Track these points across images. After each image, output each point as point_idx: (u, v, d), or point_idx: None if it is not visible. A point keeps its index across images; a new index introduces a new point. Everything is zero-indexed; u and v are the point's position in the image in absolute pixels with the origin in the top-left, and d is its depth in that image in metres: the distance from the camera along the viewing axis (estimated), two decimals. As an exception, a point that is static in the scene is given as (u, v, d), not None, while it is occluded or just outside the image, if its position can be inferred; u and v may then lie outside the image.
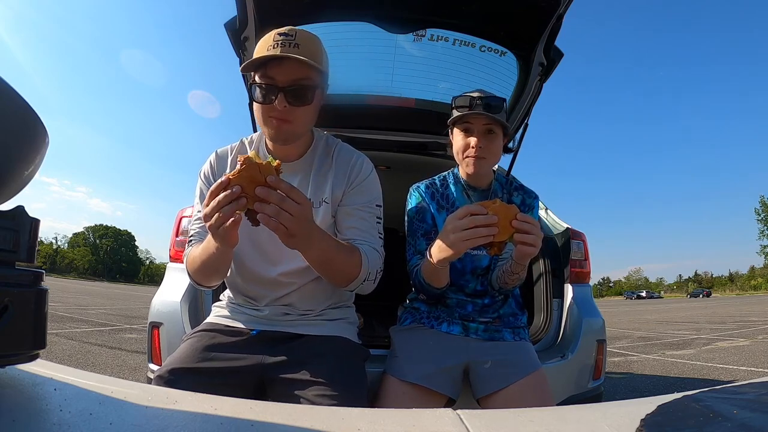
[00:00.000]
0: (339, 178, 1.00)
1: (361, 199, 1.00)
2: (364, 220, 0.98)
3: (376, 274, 0.96)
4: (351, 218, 0.98)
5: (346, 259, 0.90)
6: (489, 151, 1.12)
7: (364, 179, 1.01)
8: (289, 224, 0.72)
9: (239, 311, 1.03)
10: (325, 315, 1.02)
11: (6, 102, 0.32)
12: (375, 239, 0.99)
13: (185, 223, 1.56)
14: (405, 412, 0.40)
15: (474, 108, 1.09)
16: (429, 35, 1.66)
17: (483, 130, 1.11)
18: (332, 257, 0.87)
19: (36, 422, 0.31)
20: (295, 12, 1.56)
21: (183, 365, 0.89)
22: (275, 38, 0.88)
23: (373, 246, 0.97)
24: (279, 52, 0.87)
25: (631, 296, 79.56)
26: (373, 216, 1.00)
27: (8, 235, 0.33)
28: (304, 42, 0.89)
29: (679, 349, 5.78)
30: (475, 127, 1.12)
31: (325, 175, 1.00)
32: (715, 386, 0.44)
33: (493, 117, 1.08)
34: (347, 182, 1.00)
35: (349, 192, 1.00)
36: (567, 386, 1.47)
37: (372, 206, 1.01)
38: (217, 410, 0.37)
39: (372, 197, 1.02)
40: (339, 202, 0.99)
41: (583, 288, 1.69)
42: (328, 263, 0.89)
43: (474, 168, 1.13)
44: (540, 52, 1.58)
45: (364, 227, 0.98)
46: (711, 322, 10.57)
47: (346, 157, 1.02)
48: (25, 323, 0.33)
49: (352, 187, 1.00)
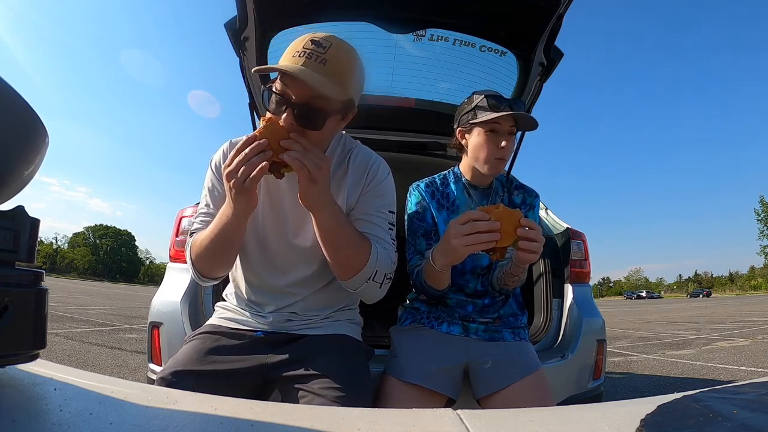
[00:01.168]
0: (354, 185, 0.97)
1: (374, 203, 0.96)
2: (375, 225, 0.95)
3: (383, 277, 0.91)
4: (362, 223, 0.94)
5: (355, 241, 0.87)
6: (508, 153, 1.12)
7: (379, 183, 0.97)
8: (312, 168, 0.74)
9: (243, 314, 1.02)
10: (330, 318, 1.02)
11: (6, 102, 0.32)
12: (388, 244, 0.94)
13: (185, 223, 1.56)
14: (405, 412, 0.40)
15: (503, 109, 1.07)
16: (429, 35, 1.66)
17: (508, 132, 1.10)
18: (342, 232, 0.85)
19: (36, 422, 0.31)
20: (295, 12, 1.56)
21: (186, 367, 0.88)
22: (306, 46, 0.80)
23: (385, 249, 0.93)
24: (300, 65, 0.77)
25: (631, 296, 79.56)
26: (386, 222, 0.96)
27: (8, 235, 0.33)
28: (334, 60, 0.79)
29: (679, 349, 5.78)
30: (504, 128, 1.10)
31: (339, 182, 0.96)
32: (715, 386, 0.44)
33: (527, 116, 1.08)
34: (363, 186, 0.96)
35: (364, 195, 0.96)
36: (567, 386, 1.47)
37: (384, 212, 0.97)
38: (217, 410, 0.37)
39: (385, 202, 0.97)
40: (352, 207, 0.97)
41: (583, 288, 1.69)
42: (337, 238, 0.86)
43: (498, 170, 1.13)
44: (540, 52, 1.58)
45: (376, 232, 0.94)
46: (711, 322, 10.57)
47: (363, 161, 0.98)
48: (25, 323, 0.33)
49: (367, 190, 0.96)
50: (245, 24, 1.47)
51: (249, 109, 1.81)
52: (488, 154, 1.11)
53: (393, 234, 0.97)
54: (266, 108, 0.84)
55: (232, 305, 1.05)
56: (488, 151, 1.11)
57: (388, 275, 0.92)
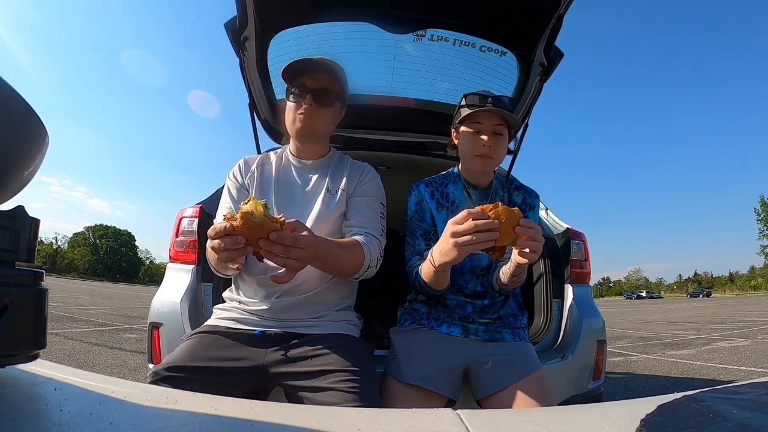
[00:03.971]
0: (351, 177, 1.15)
1: (368, 193, 1.14)
2: (369, 209, 1.11)
3: (377, 260, 1.06)
4: (357, 207, 1.11)
5: (349, 256, 0.99)
6: (497, 151, 1.13)
7: (371, 179, 1.17)
8: (295, 264, 0.80)
9: (241, 314, 1.04)
10: (328, 317, 1.05)
11: (6, 102, 0.32)
12: (377, 227, 1.10)
13: (185, 223, 1.56)
14: (405, 412, 0.40)
15: (485, 106, 1.09)
16: (429, 35, 1.66)
17: (492, 130, 1.11)
18: (337, 260, 0.96)
19: (36, 422, 0.31)
20: (295, 12, 1.56)
21: (181, 363, 0.89)
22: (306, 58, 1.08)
23: (373, 234, 1.07)
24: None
25: (631, 296, 79.53)
26: (377, 210, 1.13)
27: (8, 235, 0.33)
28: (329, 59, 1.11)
29: (679, 349, 5.78)
30: (486, 126, 1.11)
31: (341, 172, 1.16)
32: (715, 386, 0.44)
33: (505, 113, 1.09)
34: (358, 179, 1.15)
35: (359, 187, 1.14)
36: (567, 387, 1.47)
37: (377, 201, 1.14)
38: (217, 410, 0.37)
39: (377, 194, 1.15)
40: (350, 194, 1.13)
41: (583, 288, 1.69)
42: (334, 264, 0.97)
43: (482, 167, 1.14)
44: (540, 52, 1.57)
45: (369, 215, 1.11)
46: (711, 322, 10.57)
47: (356, 165, 1.20)
48: (25, 323, 0.33)
49: (362, 183, 1.15)
50: (245, 24, 1.47)
51: (249, 109, 1.81)
52: (470, 152, 1.14)
53: (383, 222, 1.13)
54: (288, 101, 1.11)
55: (230, 306, 1.07)
56: (471, 148, 1.14)
57: (380, 256, 1.08)
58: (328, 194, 1.10)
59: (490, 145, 1.10)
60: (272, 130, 2.04)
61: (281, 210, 1.06)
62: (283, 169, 1.16)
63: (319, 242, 0.87)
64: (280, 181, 1.14)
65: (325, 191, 1.10)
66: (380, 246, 1.09)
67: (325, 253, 0.90)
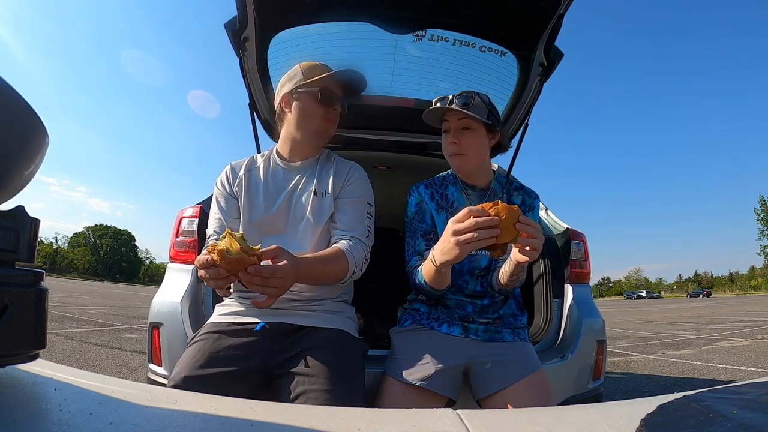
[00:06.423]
0: (338, 177, 1.15)
1: (353, 193, 1.14)
2: (356, 211, 1.12)
3: (362, 264, 1.07)
4: (344, 209, 1.12)
5: (333, 268, 1.01)
6: (466, 148, 1.13)
7: (357, 179, 1.16)
8: (276, 292, 0.85)
9: (241, 306, 1.07)
10: (326, 305, 1.08)
11: (6, 102, 0.32)
12: (363, 230, 1.11)
13: (185, 223, 1.56)
14: (405, 412, 0.40)
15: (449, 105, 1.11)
16: (429, 35, 1.66)
17: (458, 127, 1.13)
18: (321, 274, 0.98)
19: (36, 422, 0.31)
20: (295, 12, 1.56)
21: (193, 373, 0.90)
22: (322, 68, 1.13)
23: (359, 237, 1.09)
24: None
25: (631, 296, 79.54)
26: (363, 210, 1.14)
27: (8, 235, 0.33)
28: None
29: (679, 349, 5.78)
30: (452, 125, 1.14)
31: (327, 172, 1.16)
32: (715, 386, 0.44)
33: (465, 112, 1.09)
34: (344, 180, 1.15)
35: (345, 187, 1.14)
36: (567, 387, 1.47)
37: (363, 202, 1.14)
38: (217, 410, 0.37)
39: (363, 194, 1.15)
40: (336, 196, 1.13)
41: (583, 288, 1.69)
42: (318, 279, 1.00)
43: (458, 166, 1.16)
44: (540, 52, 1.57)
45: (355, 217, 1.11)
46: (711, 322, 10.57)
47: (342, 164, 1.20)
48: (25, 323, 0.33)
49: (348, 183, 1.15)
50: (245, 24, 1.47)
51: (249, 109, 1.81)
52: (446, 153, 1.17)
53: (370, 222, 1.14)
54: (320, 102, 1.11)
55: (230, 300, 1.10)
56: (445, 149, 1.17)
57: (365, 260, 1.09)
58: (316, 198, 1.11)
59: (455, 142, 1.12)
60: (272, 130, 2.04)
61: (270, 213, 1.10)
62: (271, 173, 1.16)
63: (300, 264, 0.90)
64: (268, 185, 1.14)
65: (312, 195, 1.11)
66: (366, 249, 1.10)
67: (307, 272, 0.93)
